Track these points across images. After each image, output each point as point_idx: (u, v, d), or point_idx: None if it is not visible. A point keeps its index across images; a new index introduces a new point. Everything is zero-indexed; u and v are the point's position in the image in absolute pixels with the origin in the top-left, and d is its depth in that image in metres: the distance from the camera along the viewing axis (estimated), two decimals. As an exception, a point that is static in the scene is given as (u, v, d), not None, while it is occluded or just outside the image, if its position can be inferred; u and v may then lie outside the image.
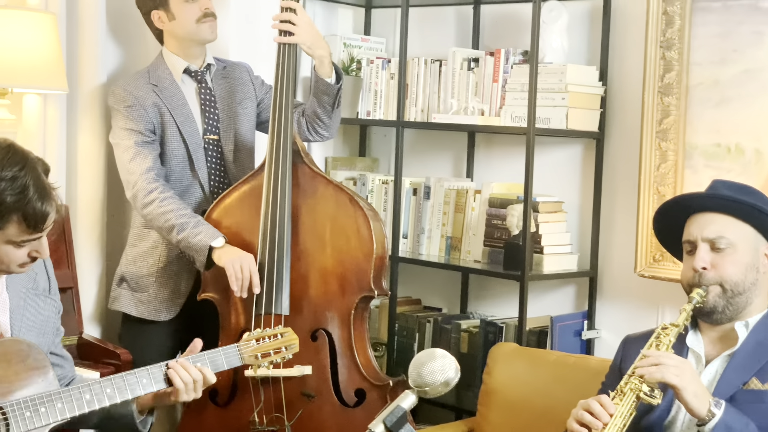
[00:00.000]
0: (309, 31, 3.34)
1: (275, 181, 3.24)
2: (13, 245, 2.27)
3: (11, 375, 2.28)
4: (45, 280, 2.52)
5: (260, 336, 2.60)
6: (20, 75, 3.23)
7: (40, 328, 2.46)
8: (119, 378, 2.37)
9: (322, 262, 3.26)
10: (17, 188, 2.21)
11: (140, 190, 3.30)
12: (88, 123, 3.60)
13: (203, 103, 3.48)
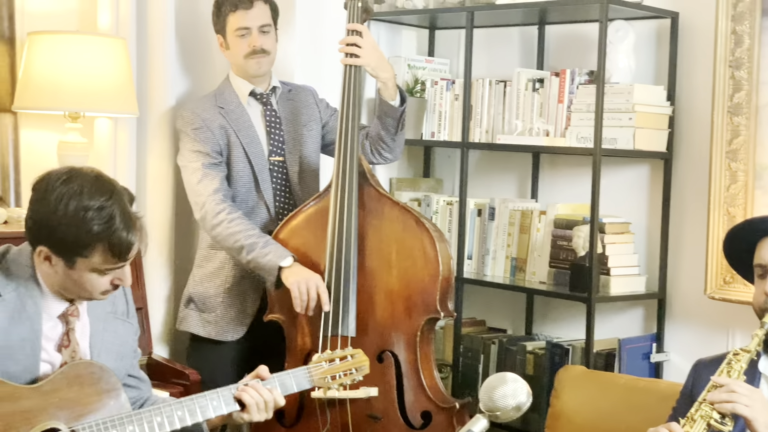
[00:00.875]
0: (374, 53, 3.36)
1: (342, 203, 3.26)
2: (97, 273, 2.29)
3: (84, 397, 2.31)
4: (123, 304, 2.55)
5: (330, 358, 2.60)
6: (92, 99, 3.29)
7: (119, 351, 2.49)
8: (190, 401, 2.39)
9: (388, 283, 3.26)
10: (104, 218, 2.24)
11: (209, 211, 3.34)
12: (157, 146, 3.65)
13: (268, 125, 3.51)
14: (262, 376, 2.50)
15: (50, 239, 2.26)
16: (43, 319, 2.34)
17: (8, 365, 2.28)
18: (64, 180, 2.28)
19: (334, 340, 3.21)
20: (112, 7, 3.50)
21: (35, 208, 2.29)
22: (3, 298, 2.30)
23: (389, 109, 3.43)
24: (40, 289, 2.35)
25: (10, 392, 2.24)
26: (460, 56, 4.30)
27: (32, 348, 2.31)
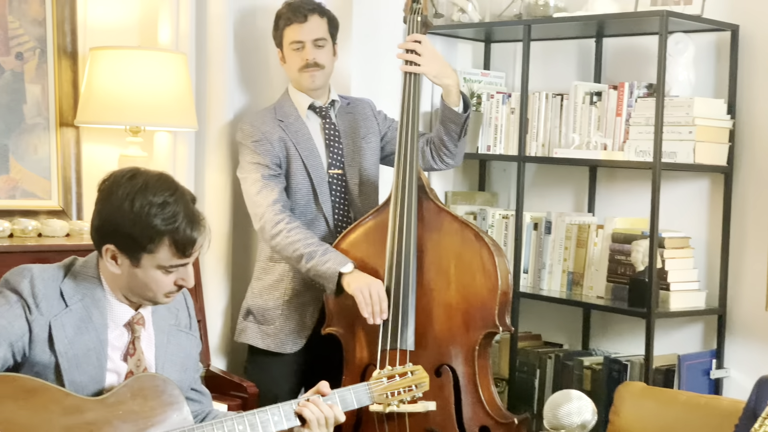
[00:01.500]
0: (435, 60, 3.36)
1: (401, 216, 3.26)
2: (161, 271, 2.32)
3: (147, 410, 2.33)
4: (186, 317, 2.57)
5: (390, 374, 2.60)
6: (153, 113, 3.33)
7: (182, 363, 2.51)
8: (251, 415, 2.39)
9: (447, 297, 3.25)
10: (168, 213, 2.27)
11: (267, 221, 3.36)
12: (215, 159, 3.68)
13: (327, 138, 3.52)
14: (322, 392, 2.50)
15: (116, 236, 2.29)
16: (109, 328, 2.37)
17: (75, 375, 2.30)
18: (129, 177, 2.32)
19: (393, 354, 3.20)
20: (173, 22, 3.53)
21: (101, 207, 2.33)
22: (70, 309, 2.32)
23: (453, 115, 3.42)
24: (106, 299, 2.37)
25: (75, 404, 2.26)
26: (516, 69, 4.29)
27: (98, 357, 2.34)
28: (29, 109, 3.38)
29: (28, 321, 2.27)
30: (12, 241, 3.19)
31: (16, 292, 2.29)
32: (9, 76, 3.34)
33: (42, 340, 2.28)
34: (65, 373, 2.29)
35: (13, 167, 3.34)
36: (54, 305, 2.31)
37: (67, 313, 2.32)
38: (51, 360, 2.29)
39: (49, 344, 2.29)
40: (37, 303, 2.28)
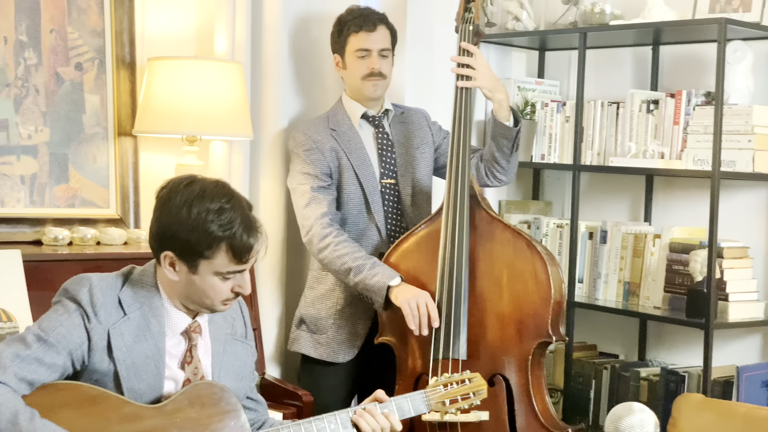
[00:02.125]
0: (488, 75, 3.34)
1: (453, 226, 3.25)
2: (219, 277, 2.33)
3: (204, 418, 2.34)
4: (242, 326, 2.58)
5: (447, 381, 2.59)
6: (209, 123, 3.36)
7: (238, 372, 2.52)
8: (308, 423, 2.40)
9: (500, 306, 3.24)
10: (225, 219, 2.29)
11: (315, 235, 3.37)
12: (269, 168, 3.70)
13: (380, 148, 3.53)
14: (380, 399, 2.50)
15: (174, 243, 2.31)
16: (166, 336, 2.39)
17: (134, 383, 2.33)
18: (186, 184, 2.35)
19: (445, 363, 3.19)
20: (228, 31, 3.56)
21: (159, 214, 2.36)
22: (128, 317, 2.35)
23: (504, 131, 3.41)
24: (164, 307, 2.40)
25: (134, 412, 2.28)
26: (571, 77, 4.27)
27: (156, 365, 2.36)
28: (88, 119, 3.43)
29: (87, 329, 2.30)
30: (71, 249, 3.24)
31: (75, 300, 2.32)
32: (69, 86, 3.40)
33: (101, 348, 2.31)
34: (124, 381, 2.32)
35: (73, 176, 3.39)
36: (112, 314, 2.33)
37: (126, 321, 2.34)
38: (110, 368, 2.31)
39: (107, 352, 2.31)
40: (95, 311, 2.31)
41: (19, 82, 3.29)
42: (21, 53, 3.30)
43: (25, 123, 3.30)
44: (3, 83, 3.26)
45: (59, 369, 2.27)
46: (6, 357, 2.21)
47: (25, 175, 3.31)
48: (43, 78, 3.34)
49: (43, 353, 2.24)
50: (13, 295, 2.90)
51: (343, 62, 3.51)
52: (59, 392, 2.25)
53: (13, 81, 3.28)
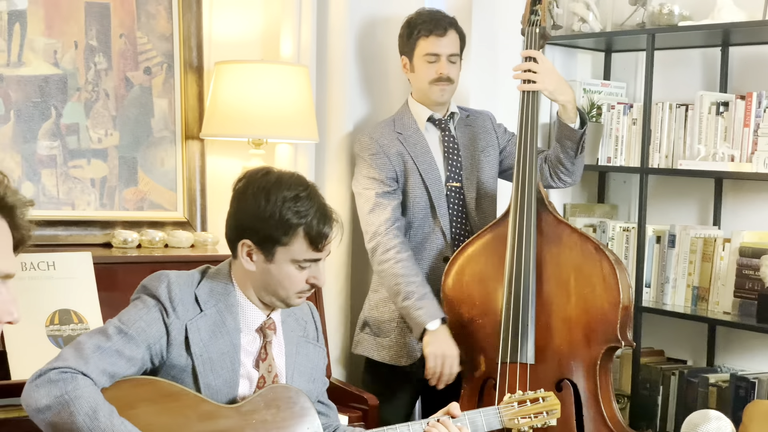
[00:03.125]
0: (551, 77, 3.31)
1: (520, 229, 3.22)
2: (295, 266, 2.35)
3: (279, 421, 2.36)
4: (314, 330, 2.60)
5: (521, 399, 2.57)
6: (275, 126, 3.37)
7: (310, 374, 2.53)
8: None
9: (567, 311, 3.21)
10: (301, 207, 2.32)
11: (380, 244, 3.37)
12: (334, 171, 3.70)
13: (446, 151, 3.51)
14: (452, 414, 2.49)
15: (251, 231, 2.34)
16: (242, 332, 2.41)
17: (210, 379, 2.35)
18: (263, 174, 2.39)
19: (512, 367, 3.17)
20: (294, 35, 3.57)
21: (236, 204, 2.39)
22: (204, 313, 2.37)
23: (569, 132, 3.38)
24: (239, 303, 2.42)
25: (211, 411, 2.30)
26: (637, 79, 4.22)
27: (232, 362, 2.38)
28: (156, 123, 3.47)
29: (165, 324, 2.33)
30: (140, 251, 3.27)
31: (153, 296, 2.35)
32: (138, 90, 3.44)
33: (179, 343, 2.34)
34: (201, 377, 2.34)
35: (141, 179, 3.43)
36: (189, 309, 2.36)
37: (202, 317, 2.37)
38: (187, 363, 2.34)
39: (185, 347, 2.34)
40: (174, 306, 2.34)
41: (90, 87, 3.34)
42: (91, 58, 3.34)
43: (95, 127, 3.35)
44: (74, 87, 3.31)
45: (138, 362, 2.30)
46: (88, 348, 2.24)
47: (95, 178, 3.35)
48: (113, 82, 3.38)
49: (124, 346, 2.27)
50: (84, 297, 2.94)
51: (411, 65, 3.50)
52: (139, 388, 2.27)
53: (84, 85, 3.33)
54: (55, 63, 3.28)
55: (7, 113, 3.20)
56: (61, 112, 3.29)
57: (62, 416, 2.14)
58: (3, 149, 3.18)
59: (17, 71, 3.22)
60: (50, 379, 2.17)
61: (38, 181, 3.25)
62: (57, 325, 2.85)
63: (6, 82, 3.19)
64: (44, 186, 3.26)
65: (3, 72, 3.19)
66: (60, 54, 3.29)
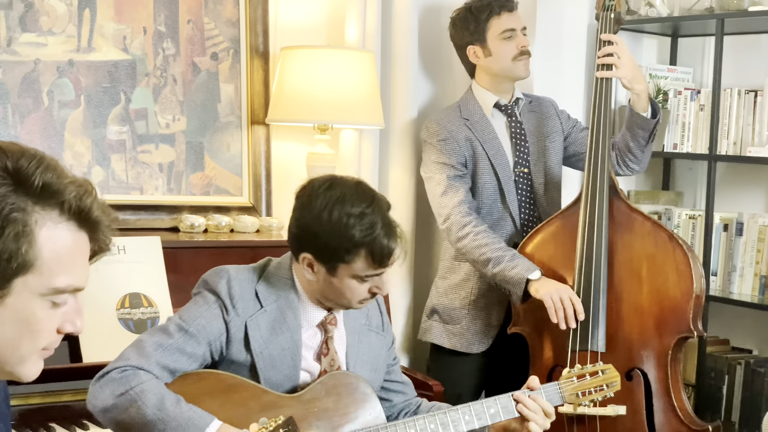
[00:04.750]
0: (630, 65, 3.27)
1: (591, 217, 3.19)
2: (357, 280, 2.32)
3: (341, 408, 2.35)
4: (378, 317, 2.58)
5: (580, 373, 2.54)
6: (341, 111, 3.36)
7: (373, 364, 2.51)
8: (465, 407, 2.39)
9: (639, 300, 3.17)
10: (365, 224, 2.26)
11: (454, 223, 3.34)
12: (399, 157, 3.69)
13: (513, 137, 3.49)
14: (531, 387, 2.47)
15: (314, 245, 2.30)
16: (302, 328, 2.39)
17: (270, 374, 2.34)
18: (327, 187, 2.32)
19: (583, 356, 3.14)
20: (359, 20, 3.56)
21: (299, 215, 2.34)
22: (265, 310, 2.36)
23: (641, 122, 3.33)
24: (299, 299, 2.40)
25: (272, 400, 2.30)
26: (704, 64, 4.15)
27: (293, 357, 2.37)
28: (223, 108, 3.47)
29: (225, 321, 2.32)
30: (206, 236, 3.28)
31: (214, 292, 2.34)
32: (205, 75, 3.44)
33: (238, 340, 2.33)
34: (261, 373, 2.33)
35: (208, 164, 3.44)
36: (249, 306, 2.35)
37: (262, 314, 2.35)
38: (247, 359, 2.33)
39: (245, 344, 2.33)
40: (233, 303, 2.33)
41: (158, 72, 3.35)
42: (159, 43, 3.35)
43: (163, 112, 3.36)
44: (142, 73, 3.32)
45: (199, 359, 2.30)
46: (149, 346, 2.24)
47: (163, 163, 3.36)
48: (181, 68, 3.39)
49: (185, 343, 2.27)
50: (153, 281, 2.95)
51: (483, 50, 3.46)
52: (201, 381, 2.28)
53: (152, 71, 3.34)
54: (124, 48, 3.29)
55: (78, 98, 3.21)
56: (130, 98, 3.30)
57: (130, 412, 2.14)
58: (74, 134, 3.19)
59: (87, 57, 3.23)
60: (113, 378, 2.18)
61: (108, 166, 3.26)
62: (127, 308, 2.87)
63: (76, 68, 3.21)
64: (113, 171, 3.27)
65: (73, 57, 3.20)
66: (129, 40, 3.30)
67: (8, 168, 1.35)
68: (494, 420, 2.42)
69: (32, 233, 1.36)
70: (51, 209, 1.38)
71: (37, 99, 3.14)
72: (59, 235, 1.39)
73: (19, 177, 1.35)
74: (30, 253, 1.36)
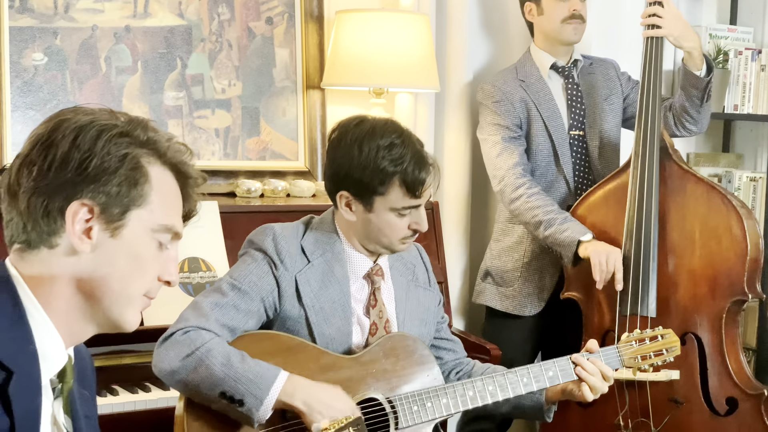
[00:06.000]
0: (676, 23, 3.23)
1: (642, 179, 3.17)
2: (394, 213, 2.34)
3: (399, 369, 2.38)
4: (423, 273, 2.60)
5: (640, 338, 2.54)
6: (396, 75, 3.36)
7: (422, 318, 2.53)
8: (524, 370, 2.42)
9: (691, 263, 3.15)
10: (395, 154, 2.30)
11: (507, 185, 3.34)
12: (454, 120, 3.69)
13: (569, 99, 3.46)
14: (591, 350, 2.47)
15: (348, 182, 2.34)
16: (350, 280, 2.42)
17: (324, 328, 2.38)
18: (356, 124, 2.38)
19: (633, 320, 3.13)
20: (414, -17, 3.55)
21: (332, 155, 2.39)
22: (312, 264, 2.39)
23: (694, 80, 3.29)
24: (345, 251, 2.43)
25: (331, 362, 2.33)
26: (765, 24, 4.08)
27: (344, 310, 2.40)
28: (278, 73, 3.50)
29: (275, 277, 2.36)
30: (263, 201, 3.32)
31: (261, 250, 2.38)
32: (260, 40, 3.46)
33: (290, 294, 2.37)
34: (314, 327, 2.37)
35: (264, 129, 3.47)
36: (297, 261, 2.38)
37: (310, 268, 2.39)
38: (300, 314, 2.37)
39: (297, 299, 2.37)
40: (281, 259, 2.36)
41: (213, 37, 3.38)
42: (215, 8, 3.38)
43: (219, 77, 3.40)
44: (198, 38, 3.36)
45: (255, 315, 2.34)
46: (206, 306, 2.29)
47: (219, 128, 3.40)
48: (236, 33, 3.42)
49: (239, 300, 2.31)
50: (211, 245, 3.00)
51: (537, 8, 3.44)
52: (261, 342, 2.31)
53: (208, 36, 3.37)
54: (180, 14, 3.33)
55: (135, 64, 3.26)
56: (186, 63, 3.34)
57: (198, 372, 2.18)
58: (131, 100, 3.25)
59: (143, 23, 3.27)
60: (177, 340, 2.23)
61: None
62: (186, 272, 2.92)
63: (133, 34, 3.26)
64: (171, 136, 3.32)
65: (130, 23, 3.25)
66: (184, 5, 3.33)
67: (119, 121, 1.50)
68: (552, 383, 2.43)
69: (145, 168, 1.49)
70: (157, 157, 1.51)
71: (95, 65, 3.20)
72: (166, 178, 1.52)
73: (127, 129, 1.49)
74: (145, 186, 1.48)
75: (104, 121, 1.48)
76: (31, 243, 1.48)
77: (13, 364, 1.43)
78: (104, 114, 1.51)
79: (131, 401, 2.62)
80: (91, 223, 1.47)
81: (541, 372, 2.42)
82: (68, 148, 1.45)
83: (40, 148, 1.47)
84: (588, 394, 2.41)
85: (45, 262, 1.48)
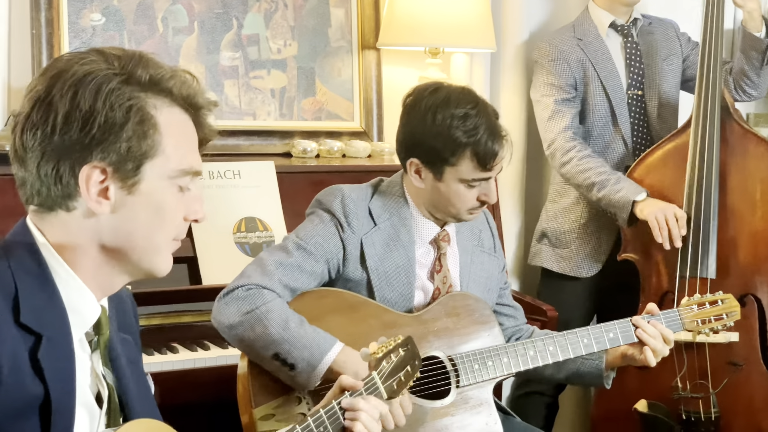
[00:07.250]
0: None
1: (702, 139, 3.13)
2: (464, 185, 2.34)
3: (460, 328, 2.39)
4: (489, 238, 2.59)
5: (700, 302, 2.52)
6: (452, 35, 3.34)
7: (485, 284, 2.53)
8: (583, 331, 2.42)
9: (753, 224, 3.11)
10: (469, 125, 2.29)
11: (558, 148, 3.32)
12: (510, 80, 3.65)
13: (628, 58, 3.42)
14: (651, 312, 2.47)
15: (420, 149, 2.34)
16: (416, 245, 2.43)
17: (386, 292, 2.39)
18: (432, 91, 2.36)
19: (693, 282, 3.11)
20: (470, -58, 3.50)
21: (405, 121, 2.38)
22: (378, 227, 2.40)
23: (754, 42, 3.23)
24: (412, 216, 2.43)
25: (393, 319, 2.35)
26: (830, -18, 3.98)
27: (407, 274, 2.40)
28: (333, 33, 3.49)
29: (341, 238, 2.37)
30: (319, 161, 3.32)
31: (328, 211, 2.39)
32: (315, 0, 3.45)
33: (354, 257, 2.37)
34: (377, 290, 2.38)
35: (319, 90, 3.47)
36: (364, 224, 2.39)
37: (376, 231, 2.39)
38: (363, 277, 2.38)
39: (361, 262, 2.38)
40: (348, 221, 2.37)
41: (269, -3, 3.38)
42: (271, -32, 3.38)
43: (274, 37, 3.39)
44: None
45: (318, 276, 2.35)
46: (270, 264, 2.30)
47: (275, 88, 3.41)
48: (291, -8, 3.41)
49: (304, 260, 2.32)
50: (268, 205, 3.01)
51: None
52: (323, 299, 2.33)
53: (263, -4, 3.37)
54: (236, -26, 3.33)
55: (191, 25, 3.27)
56: (242, 23, 3.34)
57: (256, 330, 2.20)
58: (188, 60, 3.26)
59: (200, -17, 3.28)
60: (238, 296, 2.25)
61: (221, 92, 3.32)
62: (243, 232, 2.94)
63: (190, -6, 3.26)
64: (227, 96, 3.33)
65: (187, -16, 3.26)
66: (240, -35, 3.33)
67: (115, 66, 1.46)
68: (613, 344, 2.43)
69: (153, 118, 1.46)
70: (163, 97, 1.48)
71: (152, 25, 3.21)
72: (176, 118, 1.49)
73: (126, 73, 1.45)
74: (155, 136, 1.46)
75: (102, 71, 1.44)
76: (48, 206, 1.46)
77: (41, 328, 1.42)
78: (99, 58, 1.46)
79: (191, 359, 2.65)
80: (107, 183, 1.44)
81: (601, 333, 2.41)
82: (69, 108, 1.42)
83: (40, 108, 1.43)
84: (651, 357, 2.41)
85: (65, 225, 1.46)
